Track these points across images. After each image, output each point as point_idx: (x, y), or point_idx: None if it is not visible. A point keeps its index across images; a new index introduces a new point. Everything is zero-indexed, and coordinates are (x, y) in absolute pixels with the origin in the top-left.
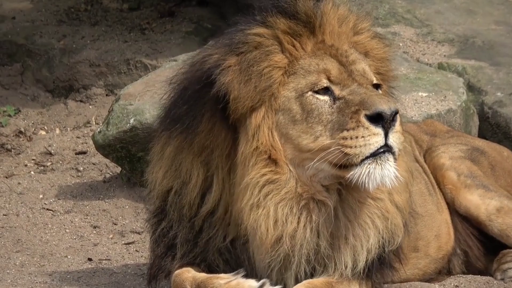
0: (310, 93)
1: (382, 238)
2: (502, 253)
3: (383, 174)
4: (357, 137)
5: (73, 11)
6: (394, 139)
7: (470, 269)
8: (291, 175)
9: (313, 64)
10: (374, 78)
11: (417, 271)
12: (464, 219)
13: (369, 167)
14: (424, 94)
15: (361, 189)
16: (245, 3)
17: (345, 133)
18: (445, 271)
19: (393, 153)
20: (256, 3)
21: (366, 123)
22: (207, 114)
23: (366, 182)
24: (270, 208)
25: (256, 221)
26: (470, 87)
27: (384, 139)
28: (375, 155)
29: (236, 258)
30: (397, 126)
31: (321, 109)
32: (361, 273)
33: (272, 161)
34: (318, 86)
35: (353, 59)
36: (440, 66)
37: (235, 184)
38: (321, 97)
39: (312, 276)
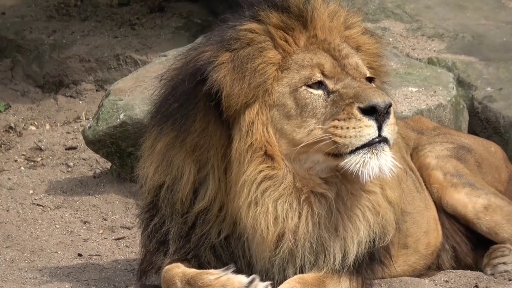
0: (304, 87)
1: (373, 232)
2: (492, 248)
3: (381, 164)
4: (348, 128)
5: (63, 6)
6: (389, 131)
7: (459, 264)
8: (287, 170)
9: (307, 58)
10: (368, 72)
11: (407, 268)
12: (451, 217)
13: (365, 157)
14: (414, 89)
15: (356, 179)
16: None
17: (335, 122)
18: (434, 266)
19: (388, 144)
20: (243, 2)
21: (359, 115)
22: (200, 113)
23: (361, 171)
24: (269, 205)
25: (255, 219)
26: (460, 82)
27: (377, 131)
28: (370, 145)
29: (230, 253)
30: (392, 118)
31: (315, 103)
32: (351, 268)
33: (269, 156)
34: (312, 80)
35: (346, 53)
36: (430, 61)
37: (231, 182)
38: (315, 91)
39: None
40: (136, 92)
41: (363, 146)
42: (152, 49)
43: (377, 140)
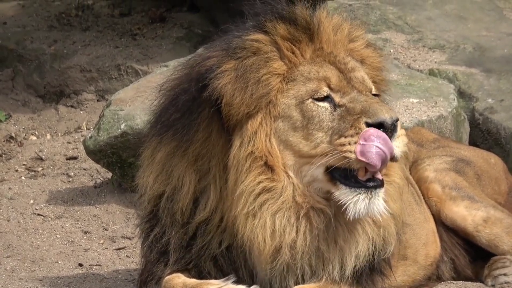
0: (310, 100)
1: (373, 245)
2: (493, 259)
3: (369, 208)
4: (356, 143)
5: (64, 16)
6: (397, 144)
7: (458, 275)
8: (288, 183)
9: (313, 71)
10: (373, 87)
11: (407, 278)
12: (449, 230)
13: (358, 197)
14: (415, 101)
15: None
16: (236, 9)
17: (342, 140)
18: (434, 277)
19: (396, 157)
20: (247, 10)
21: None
22: (204, 122)
23: (349, 208)
24: (267, 219)
25: (253, 231)
26: (461, 94)
27: None
28: (367, 188)
29: (232, 263)
30: (399, 130)
31: (322, 116)
32: (351, 278)
33: (269, 167)
34: (319, 94)
35: (352, 67)
36: (431, 73)
37: (228, 189)
38: (321, 103)
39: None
40: (137, 102)
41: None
42: (153, 59)
43: (372, 184)
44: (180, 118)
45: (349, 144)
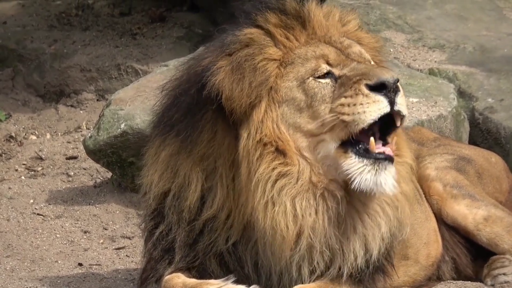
0: (311, 78)
1: (394, 226)
2: (492, 259)
3: (376, 181)
4: (355, 104)
5: (64, 16)
6: (402, 103)
7: (459, 275)
8: (305, 165)
9: (310, 51)
10: (372, 60)
11: (408, 278)
12: (451, 228)
13: (364, 167)
14: (415, 100)
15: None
16: (230, 11)
17: (342, 100)
18: (435, 277)
19: (401, 123)
20: (237, 11)
21: (366, 90)
22: (208, 124)
23: (356, 180)
24: (287, 204)
25: (274, 219)
26: (461, 93)
27: (389, 106)
28: (376, 158)
29: (237, 259)
30: (402, 92)
31: (324, 91)
32: (353, 276)
33: (280, 152)
34: (319, 72)
35: (348, 44)
36: (431, 72)
37: (241, 183)
38: (323, 80)
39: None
40: (137, 102)
41: (370, 155)
42: (153, 59)
43: (382, 157)
44: (182, 119)
45: (348, 106)
